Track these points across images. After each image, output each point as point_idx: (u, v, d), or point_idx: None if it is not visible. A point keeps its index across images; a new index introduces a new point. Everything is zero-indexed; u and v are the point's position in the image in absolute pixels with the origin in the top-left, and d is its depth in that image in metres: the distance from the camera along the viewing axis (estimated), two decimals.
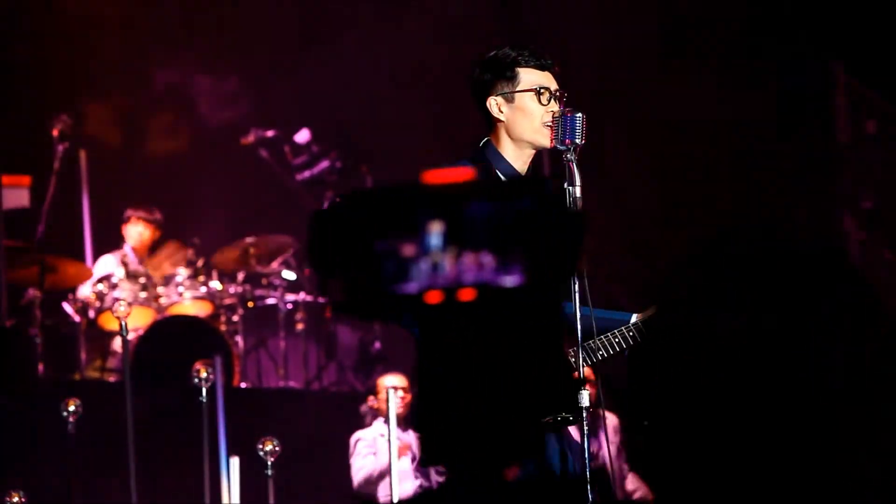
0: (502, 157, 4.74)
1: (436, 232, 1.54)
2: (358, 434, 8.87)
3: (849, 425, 1.49)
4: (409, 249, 1.55)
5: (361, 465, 8.77)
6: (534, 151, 4.77)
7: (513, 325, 1.56)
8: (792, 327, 1.51)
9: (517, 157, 4.76)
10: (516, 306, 1.55)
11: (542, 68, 4.76)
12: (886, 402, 1.51)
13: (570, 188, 4.59)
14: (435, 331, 1.58)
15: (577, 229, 1.59)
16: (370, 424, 8.99)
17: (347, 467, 8.97)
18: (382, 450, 8.64)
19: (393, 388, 8.49)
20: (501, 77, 4.74)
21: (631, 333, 4.68)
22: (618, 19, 11.68)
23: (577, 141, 4.62)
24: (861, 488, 1.50)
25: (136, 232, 10.61)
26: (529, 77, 4.74)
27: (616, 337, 4.68)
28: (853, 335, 1.51)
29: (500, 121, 4.74)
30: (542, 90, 4.71)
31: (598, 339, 4.67)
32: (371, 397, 9.05)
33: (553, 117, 4.65)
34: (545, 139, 4.70)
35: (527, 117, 4.72)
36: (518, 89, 4.72)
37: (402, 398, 8.69)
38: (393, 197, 1.56)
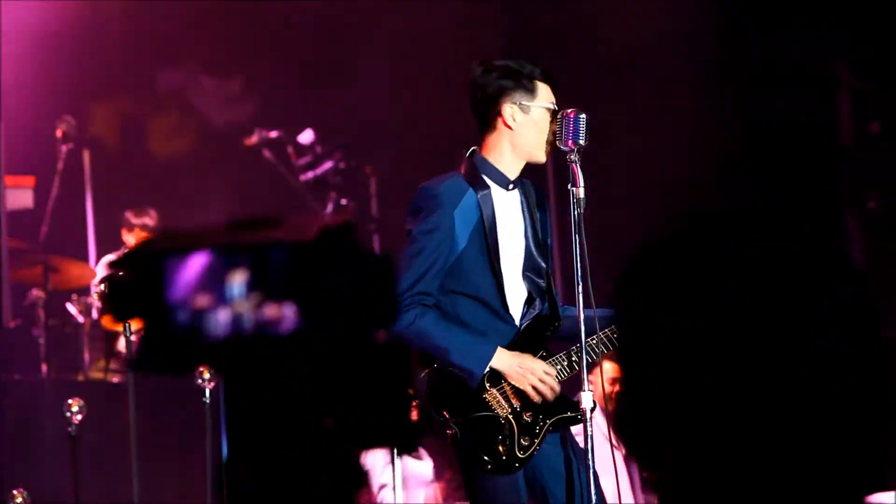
0: (494, 166, 4.75)
1: (238, 281, 1.51)
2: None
3: (848, 426, 1.49)
4: (206, 299, 1.51)
5: (377, 479, 8.77)
6: (525, 163, 4.79)
7: (320, 377, 1.54)
8: (792, 327, 1.50)
9: (510, 166, 4.78)
10: (324, 357, 1.53)
11: (554, 88, 4.80)
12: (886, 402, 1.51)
13: (574, 189, 4.61)
14: (238, 383, 1.56)
15: (385, 276, 1.57)
16: None
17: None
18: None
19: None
20: (521, 87, 4.75)
21: None
22: (621, 19, 11.66)
23: (581, 142, 4.63)
24: (860, 489, 1.50)
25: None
26: (545, 93, 4.78)
27: (615, 332, 4.70)
28: (853, 336, 1.50)
29: (508, 128, 4.75)
30: (557, 110, 4.77)
31: (598, 336, 4.69)
32: None
33: (556, 118, 4.67)
34: (543, 156, 4.75)
35: (538, 132, 4.75)
36: (536, 103, 4.74)
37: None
38: (191, 244, 1.52)
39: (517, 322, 4.71)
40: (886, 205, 11.40)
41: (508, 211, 4.74)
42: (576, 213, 4.61)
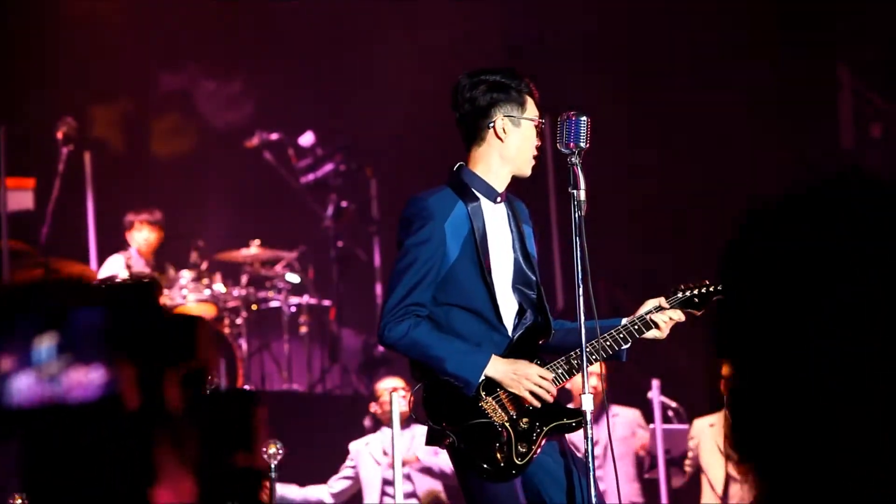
0: (482, 179, 4.77)
1: (44, 344, 1.46)
2: (351, 445, 8.92)
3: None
4: (8, 361, 1.47)
5: (332, 486, 8.85)
6: (511, 176, 4.82)
7: (130, 440, 1.50)
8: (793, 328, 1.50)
9: (498, 179, 4.80)
10: (134, 420, 1.48)
11: (536, 103, 4.84)
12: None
13: (574, 192, 4.61)
14: (39, 449, 1.52)
15: (184, 339, 1.54)
16: (372, 432, 9.04)
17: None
18: (365, 463, 8.71)
19: (393, 389, 8.55)
20: (511, 100, 4.77)
21: (622, 335, 4.72)
22: (622, 21, 11.68)
23: (581, 144, 4.63)
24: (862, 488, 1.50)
25: (143, 238, 10.61)
26: (532, 108, 4.80)
27: (607, 340, 4.71)
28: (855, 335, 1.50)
29: (499, 140, 4.77)
30: (542, 124, 4.80)
31: (591, 343, 4.70)
32: (372, 403, 9.07)
33: (558, 120, 4.67)
34: (529, 170, 4.78)
35: (526, 144, 4.77)
36: (525, 116, 4.76)
37: (404, 398, 8.71)
38: None
39: (510, 333, 4.72)
40: None
41: (497, 223, 4.77)
42: (576, 215, 4.61)
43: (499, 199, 4.78)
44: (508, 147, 4.76)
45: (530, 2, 12.03)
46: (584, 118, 4.63)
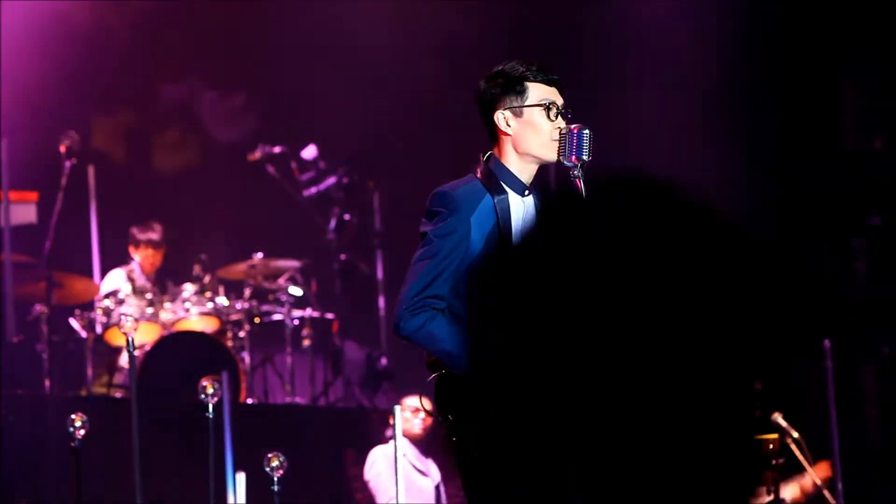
0: (507, 169, 4.75)
1: None
2: (378, 451, 8.86)
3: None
4: None
5: (385, 489, 8.77)
6: (537, 166, 4.77)
7: None
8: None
9: (522, 171, 4.76)
10: None
11: (549, 83, 4.76)
12: None
13: None
14: None
15: None
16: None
17: (354, 482, 8.97)
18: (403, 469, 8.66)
19: (414, 409, 8.54)
20: (510, 91, 4.74)
21: None
22: (626, 22, 11.68)
23: (584, 157, 4.62)
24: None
25: (148, 263, 10.62)
26: (538, 92, 4.73)
27: None
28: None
29: (506, 134, 4.75)
30: (550, 105, 4.71)
31: None
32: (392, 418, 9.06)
33: (560, 133, 4.65)
34: (552, 153, 4.70)
35: (535, 132, 4.72)
36: (527, 104, 4.72)
37: (423, 420, 8.69)
38: None
39: None
40: (891, 222, 11.39)
41: (524, 217, 4.74)
42: None
43: (526, 192, 4.75)
44: (518, 139, 4.74)
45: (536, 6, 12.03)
46: (586, 131, 4.63)
